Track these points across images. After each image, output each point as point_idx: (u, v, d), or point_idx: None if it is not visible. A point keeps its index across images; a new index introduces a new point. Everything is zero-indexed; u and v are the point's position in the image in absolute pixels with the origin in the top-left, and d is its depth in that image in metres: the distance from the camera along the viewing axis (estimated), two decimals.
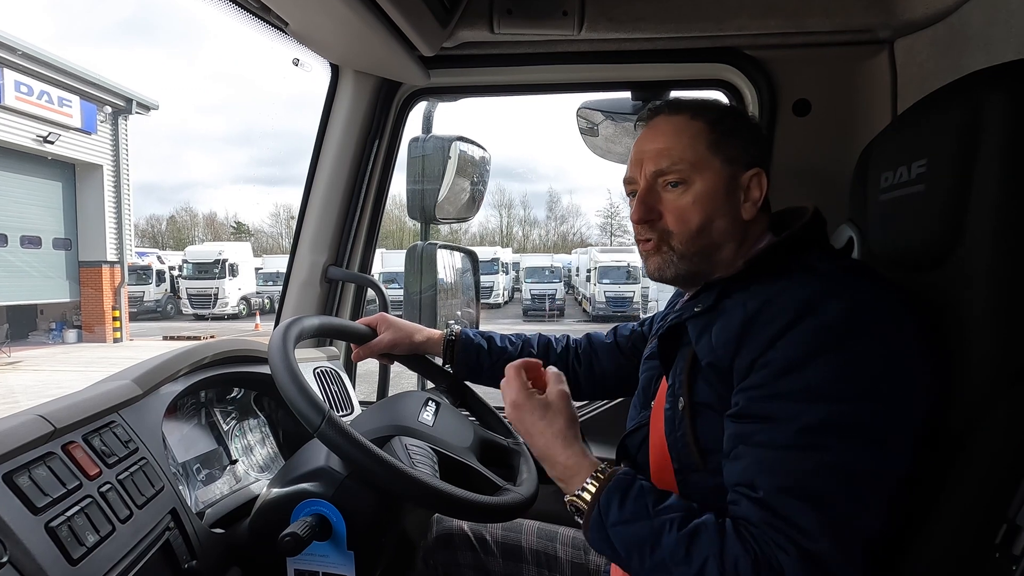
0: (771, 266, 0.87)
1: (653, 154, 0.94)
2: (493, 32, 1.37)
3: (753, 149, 0.95)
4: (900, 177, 0.91)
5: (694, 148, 0.92)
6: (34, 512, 0.70)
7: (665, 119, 0.96)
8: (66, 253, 15.15)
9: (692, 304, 0.93)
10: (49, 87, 13.22)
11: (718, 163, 0.92)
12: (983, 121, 0.77)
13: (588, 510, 0.83)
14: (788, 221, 0.99)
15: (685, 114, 0.95)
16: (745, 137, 0.95)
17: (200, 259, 23.11)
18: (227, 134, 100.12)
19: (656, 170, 0.93)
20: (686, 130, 0.93)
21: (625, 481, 0.83)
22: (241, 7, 1.21)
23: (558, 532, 1.32)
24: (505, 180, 66.49)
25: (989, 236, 0.77)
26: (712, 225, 0.92)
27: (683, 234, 0.92)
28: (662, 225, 0.94)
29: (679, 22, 1.34)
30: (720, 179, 0.92)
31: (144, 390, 0.96)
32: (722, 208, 0.92)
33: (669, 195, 0.93)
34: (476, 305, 1.86)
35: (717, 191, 0.91)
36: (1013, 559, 0.69)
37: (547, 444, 0.90)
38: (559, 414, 0.92)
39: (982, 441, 0.75)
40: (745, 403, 0.79)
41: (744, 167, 0.93)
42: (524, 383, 0.96)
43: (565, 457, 0.88)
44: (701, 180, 0.91)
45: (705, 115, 0.94)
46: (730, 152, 0.92)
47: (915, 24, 1.25)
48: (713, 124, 0.93)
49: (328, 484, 0.94)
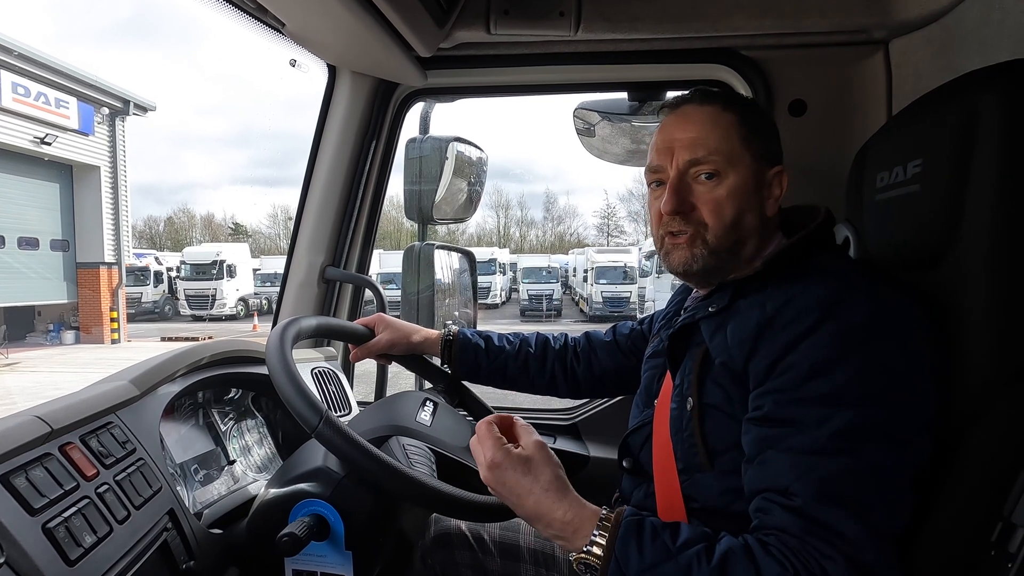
0: (786, 267, 0.86)
1: (687, 143, 0.91)
2: (490, 33, 1.38)
3: (775, 146, 0.96)
4: (896, 177, 0.91)
5: (729, 140, 0.90)
6: (31, 513, 0.70)
7: (697, 108, 0.94)
8: (64, 254, 15.11)
9: (706, 304, 0.93)
10: (46, 88, 13.19)
11: (749, 157, 0.91)
12: (978, 121, 0.78)
13: (603, 564, 0.74)
14: (795, 220, 0.99)
15: (717, 105, 0.93)
16: (769, 134, 0.95)
17: (198, 260, 23.09)
18: (226, 135, 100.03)
19: (691, 159, 0.91)
20: (720, 121, 0.92)
21: (636, 524, 0.76)
22: (237, 7, 1.21)
23: None
24: (502, 181, 66.50)
25: (985, 235, 0.77)
26: (743, 220, 0.91)
27: (717, 228, 0.90)
28: (697, 217, 0.91)
29: (675, 22, 1.35)
30: (750, 174, 0.91)
31: (141, 391, 0.96)
32: (752, 203, 0.91)
33: (702, 187, 0.91)
34: (473, 305, 1.86)
35: (748, 185, 0.91)
36: (1008, 556, 0.70)
37: (537, 502, 0.80)
38: (543, 465, 0.82)
39: (979, 440, 0.75)
40: (771, 407, 0.78)
41: (769, 164, 0.93)
42: (499, 438, 0.84)
43: (562, 512, 0.79)
44: (735, 173, 0.90)
45: (736, 108, 0.93)
46: (758, 148, 0.92)
47: (910, 25, 1.26)
48: (743, 117, 0.92)
49: (326, 484, 0.94)
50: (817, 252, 0.88)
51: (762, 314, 0.82)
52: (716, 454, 0.86)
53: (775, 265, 0.87)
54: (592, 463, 1.65)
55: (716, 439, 0.86)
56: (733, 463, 0.84)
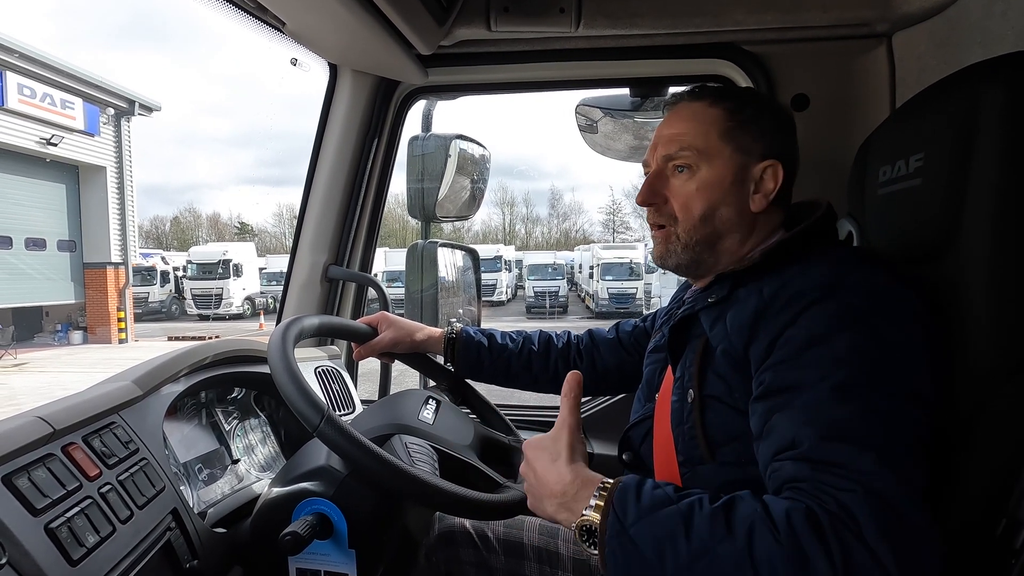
0: (785, 257, 0.87)
1: (666, 139, 0.96)
2: (490, 30, 1.37)
3: (772, 140, 0.95)
4: (898, 171, 0.91)
5: (706, 135, 0.93)
6: (33, 513, 0.70)
7: (686, 105, 0.98)
8: (70, 255, 15.19)
9: (705, 295, 0.93)
10: (52, 89, 13.23)
11: (728, 151, 0.92)
12: (980, 114, 0.77)
13: (602, 520, 0.71)
14: (798, 215, 0.98)
15: (705, 101, 0.96)
16: (765, 127, 0.95)
17: (204, 260, 23.20)
18: (232, 136, 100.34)
19: (666, 154, 0.95)
20: (702, 117, 0.94)
21: (635, 480, 0.74)
22: (237, 7, 1.21)
23: (559, 529, 1.32)
24: (507, 178, 66.48)
25: (987, 228, 0.77)
26: (715, 214, 0.92)
27: (686, 221, 0.93)
28: (668, 210, 0.95)
29: (676, 18, 1.34)
30: (728, 168, 0.92)
31: (144, 391, 0.96)
32: (727, 198, 0.92)
33: (676, 180, 0.95)
34: (477, 303, 1.86)
35: (723, 180, 0.92)
36: (1013, 553, 0.70)
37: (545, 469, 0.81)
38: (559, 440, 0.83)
39: (982, 434, 0.75)
40: (771, 378, 0.77)
41: (758, 158, 0.93)
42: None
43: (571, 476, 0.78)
44: (708, 167, 0.92)
45: (725, 103, 0.95)
46: (744, 141, 0.92)
47: (913, 17, 1.25)
48: (731, 112, 0.93)
49: (329, 483, 0.95)
50: (817, 244, 0.88)
51: (760, 299, 0.82)
52: (717, 445, 0.86)
53: (773, 256, 0.87)
54: (595, 460, 1.64)
55: (717, 430, 0.86)
56: (734, 455, 0.84)
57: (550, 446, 0.83)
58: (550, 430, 0.85)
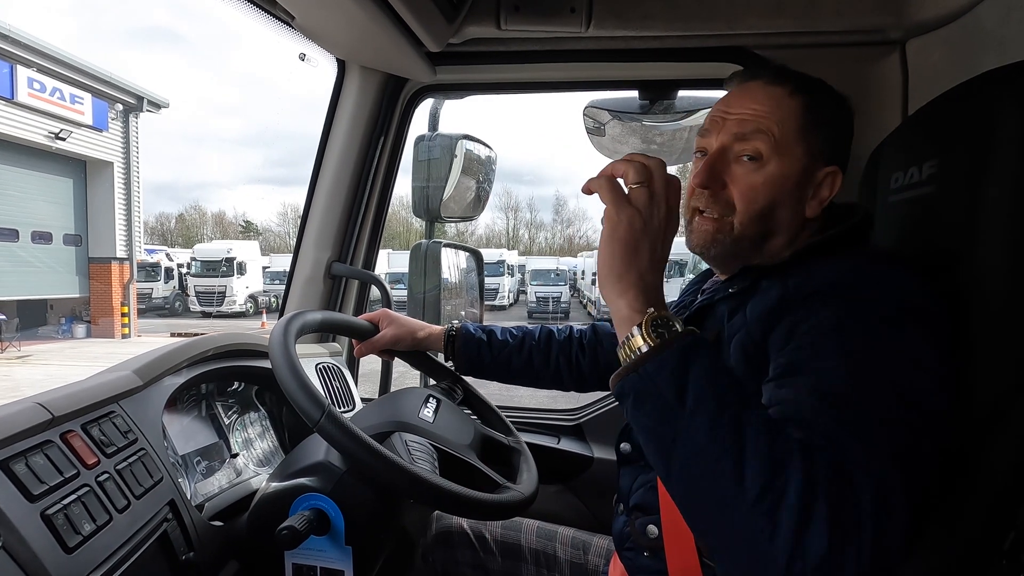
0: (814, 255, 0.84)
1: (738, 118, 0.87)
2: (500, 29, 1.37)
3: (837, 146, 0.90)
4: (911, 178, 0.90)
5: (783, 126, 0.85)
6: (30, 500, 0.70)
7: (763, 86, 0.89)
8: (76, 249, 15.25)
9: (727, 285, 0.91)
10: (62, 84, 13.33)
11: (802, 150, 0.86)
12: (996, 121, 0.76)
13: (660, 346, 0.71)
14: (832, 218, 0.94)
15: (787, 87, 0.88)
16: (835, 131, 0.90)
17: (208, 257, 23.25)
18: (242, 135, 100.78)
19: (738, 132, 0.86)
20: (782, 105, 0.86)
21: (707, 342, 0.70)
22: (248, 0, 1.21)
23: (557, 532, 1.31)
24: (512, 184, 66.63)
25: (1003, 237, 0.75)
26: (774, 213, 0.86)
27: (744, 214, 0.86)
28: (726, 196, 0.87)
29: (688, 21, 1.33)
30: (795, 168, 0.86)
31: (145, 381, 0.96)
32: (788, 199, 0.86)
33: (740, 168, 0.87)
34: (480, 305, 1.86)
35: (789, 179, 0.86)
36: (1020, 567, 0.68)
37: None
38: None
39: (993, 446, 0.74)
40: (785, 362, 0.73)
41: (823, 162, 0.88)
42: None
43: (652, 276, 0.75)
44: (778, 163, 0.85)
45: (806, 95, 0.87)
46: (815, 143, 0.87)
47: (927, 25, 1.24)
48: (809, 107, 0.87)
49: (327, 479, 0.94)
50: (847, 246, 0.85)
51: (784, 289, 0.80)
52: None
53: (801, 255, 0.85)
54: (596, 464, 1.63)
55: None
56: None
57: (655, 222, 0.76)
58: None
